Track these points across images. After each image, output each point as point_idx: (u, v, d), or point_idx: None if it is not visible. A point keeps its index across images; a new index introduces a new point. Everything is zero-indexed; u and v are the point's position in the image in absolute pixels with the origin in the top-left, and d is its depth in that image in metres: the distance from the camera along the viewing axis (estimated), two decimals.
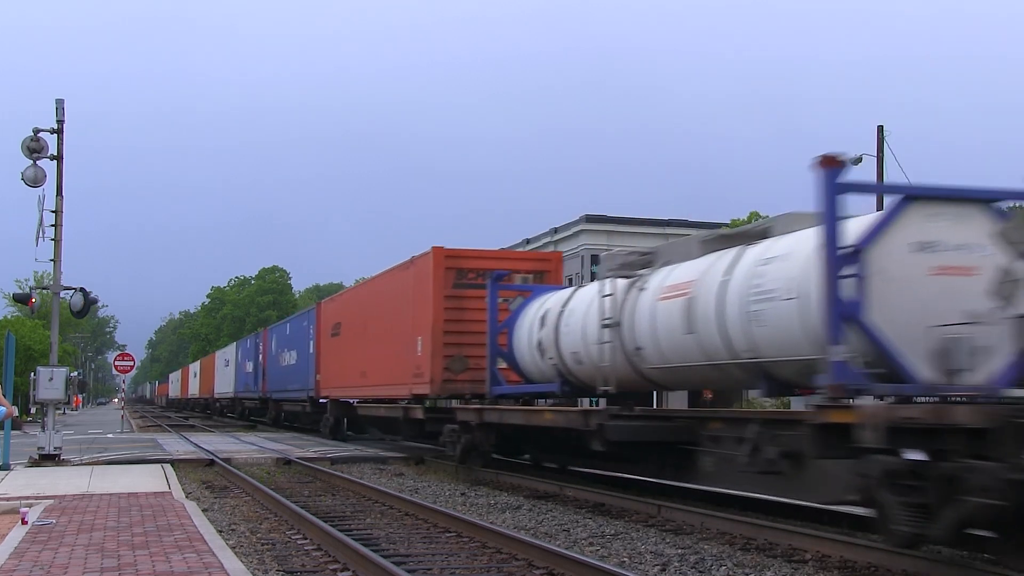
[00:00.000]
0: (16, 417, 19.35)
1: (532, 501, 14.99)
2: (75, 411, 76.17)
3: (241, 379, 49.49)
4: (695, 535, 11.48)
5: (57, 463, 20.42)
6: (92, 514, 12.29)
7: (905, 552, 9.24)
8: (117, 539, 10.18)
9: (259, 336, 45.73)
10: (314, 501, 15.06)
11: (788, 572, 9.35)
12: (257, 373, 44.15)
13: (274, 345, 40.88)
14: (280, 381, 39.33)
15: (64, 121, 21.84)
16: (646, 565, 9.70)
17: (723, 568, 9.47)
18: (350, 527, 12.06)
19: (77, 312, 22.92)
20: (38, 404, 22.15)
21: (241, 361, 49.84)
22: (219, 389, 58.50)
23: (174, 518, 11.83)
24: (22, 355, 41.60)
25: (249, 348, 47.93)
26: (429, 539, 11.30)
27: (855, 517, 11.61)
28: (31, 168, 21.27)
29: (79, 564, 8.76)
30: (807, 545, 10.26)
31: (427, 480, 18.57)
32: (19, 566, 8.62)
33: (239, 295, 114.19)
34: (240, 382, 49.83)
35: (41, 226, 21.38)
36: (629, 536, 11.49)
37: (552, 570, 9.18)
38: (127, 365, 41.25)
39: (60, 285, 22.10)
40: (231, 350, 55.69)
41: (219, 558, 9.00)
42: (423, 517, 12.89)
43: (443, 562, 9.81)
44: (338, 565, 9.65)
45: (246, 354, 48.49)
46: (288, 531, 11.96)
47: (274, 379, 40.63)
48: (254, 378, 44.85)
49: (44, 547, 9.67)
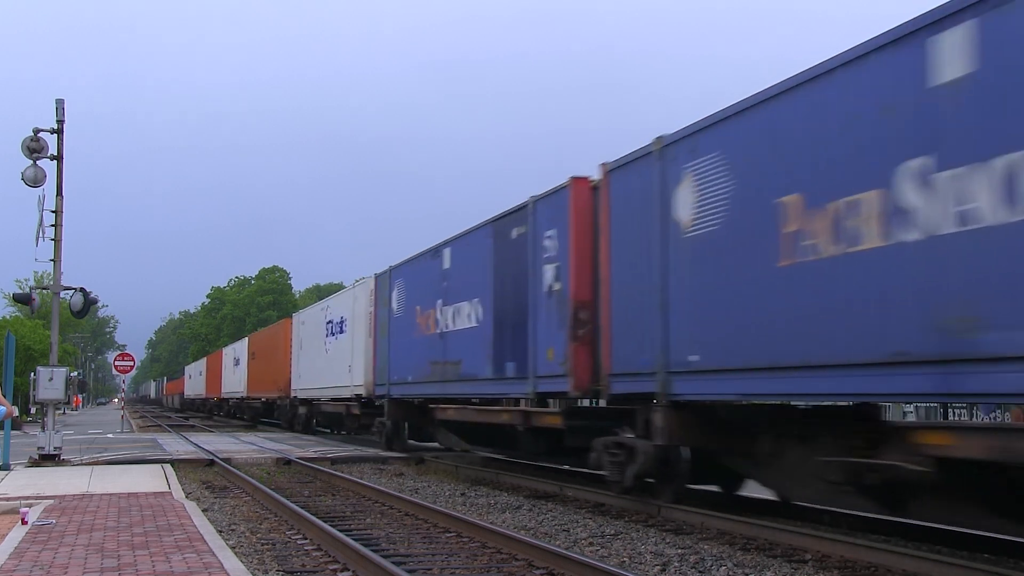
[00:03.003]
0: (16, 417, 19.38)
1: (532, 501, 14.99)
2: (75, 411, 76.22)
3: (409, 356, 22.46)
4: (695, 535, 11.47)
5: (57, 463, 20.42)
6: (92, 514, 12.28)
7: (906, 552, 9.25)
8: (117, 539, 10.18)
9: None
10: (314, 501, 15.05)
11: (788, 572, 9.34)
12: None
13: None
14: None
15: (64, 121, 21.83)
16: (646, 565, 9.69)
17: (723, 568, 9.46)
18: (350, 527, 12.06)
19: (77, 312, 22.91)
20: (38, 404, 22.14)
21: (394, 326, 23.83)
22: (311, 382, 34.77)
23: (174, 518, 11.83)
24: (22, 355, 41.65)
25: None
26: (429, 539, 11.29)
27: (855, 517, 11.63)
28: (31, 168, 21.26)
29: (79, 564, 8.75)
30: (807, 545, 10.26)
31: (427, 480, 18.56)
32: (19, 566, 8.62)
33: (239, 295, 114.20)
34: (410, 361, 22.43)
35: (41, 226, 21.37)
36: (629, 536, 11.49)
37: (552, 570, 9.18)
38: (127, 365, 41.22)
39: (60, 285, 22.10)
40: (322, 312, 34.21)
41: (219, 558, 9.00)
42: (423, 517, 12.89)
43: (443, 562, 9.80)
44: (338, 565, 9.65)
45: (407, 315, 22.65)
46: (288, 531, 11.96)
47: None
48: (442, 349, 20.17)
49: (44, 547, 9.67)
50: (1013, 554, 9.66)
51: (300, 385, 37.02)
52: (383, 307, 24.76)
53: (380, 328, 25.13)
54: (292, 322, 39.97)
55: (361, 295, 28.51)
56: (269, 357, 42.96)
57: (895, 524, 11.04)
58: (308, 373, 35.49)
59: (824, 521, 11.76)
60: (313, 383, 34.51)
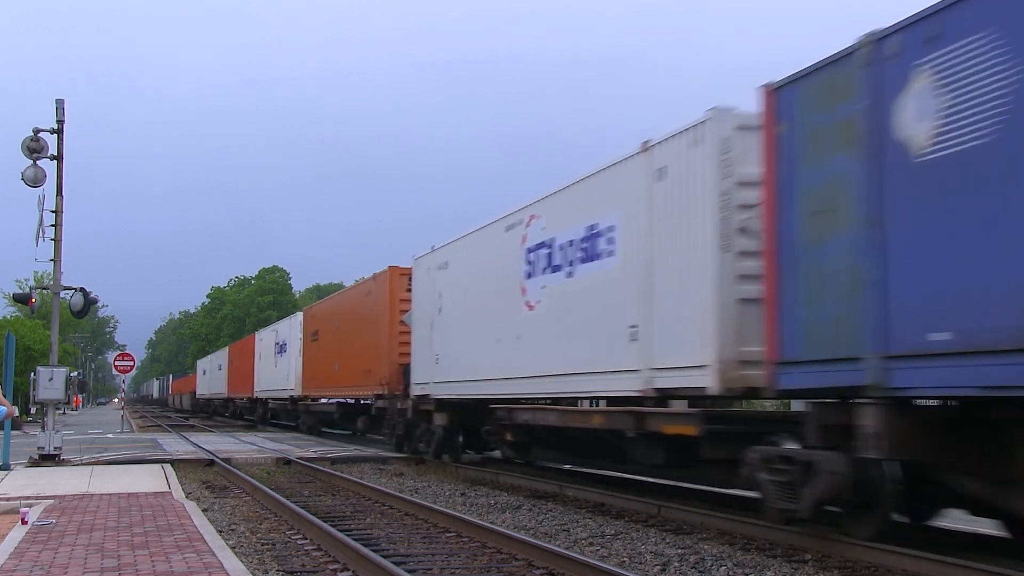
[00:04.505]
0: (16, 417, 19.37)
1: (532, 501, 14.99)
2: (75, 411, 76.21)
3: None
4: (695, 535, 11.47)
5: (57, 463, 20.42)
6: (92, 514, 12.28)
7: (906, 552, 9.23)
8: (117, 539, 10.17)
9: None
10: (314, 501, 15.05)
11: (788, 572, 9.34)
12: None
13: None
14: None
15: (64, 121, 21.84)
16: (646, 565, 9.69)
17: (723, 568, 9.46)
18: (350, 527, 12.06)
19: (77, 312, 22.92)
20: (38, 404, 22.16)
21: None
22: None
23: (174, 518, 11.82)
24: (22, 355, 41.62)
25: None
26: (429, 539, 11.29)
27: None
28: (31, 168, 21.27)
29: (79, 564, 8.75)
30: (807, 545, 10.25)
31: (427, 480, 18.55)
32: (19, 566, 8.61)
33: (239, 295, 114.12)
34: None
35: (41, 226, 21.39)
36: (629, 536, 11.49)
37: (552, 570, 9.18)
38: (127, 365, 41.21)
39: (60, 285, 22.10)
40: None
41: (219, 558, 9.00)
42: (423, 517, 12.89)
43: (443, 562, 9.80)
44: (338, 565, 9.65)
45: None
46: (288, 531, 11.96)
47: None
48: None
49: (44, 547, 9.67)
50: (1013, 554, 9.65)
51: (441, 377, 20.68)
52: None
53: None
54: (414, 270, 23.19)
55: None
56: (352, 335, 28.93)
57: (895, 524, 11.03)
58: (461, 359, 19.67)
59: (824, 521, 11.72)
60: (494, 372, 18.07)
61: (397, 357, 23.96)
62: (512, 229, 17.34)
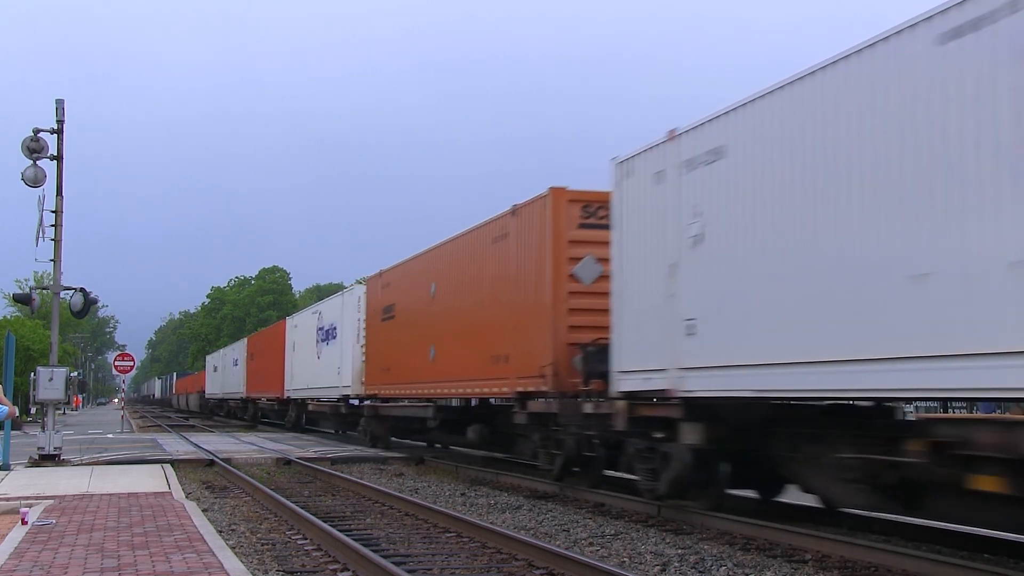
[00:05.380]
0: (16, 417, 19.36)
1: (532, 501, 14.98)
2: (75, 411, 76.18)
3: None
4: (695, 535, 11.47)
5: (57, 463, 20.41)
6: (92, 514, 12.28)
7: (906, 552, 9.24)
8: (117, 539, 10.17)
9: None
10: (314, 501, 15.05)
11: (788, 572, 9.34)
12: None
13: None
14: None
15: (64, 121, 21.84)
16: (646, 565, 9.69)
17: (723, 568, 9.46)
18: (350, 527, 12.06)
19: (77, 312, 22.91)
20: (38, 404, 22.14)
21: None
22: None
23: (174, 518, 11.82)
24: (22, 355, 41.62)
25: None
26: (429, 539, 11.29)
27: (855, 517, 11.62)
28: (31, 168, 21.26)
29: (79, 564, 8.75)
30: (807, 545, 10.25)
31: (427, 480, 18.55)
32: (19, 566, 8.61)
33: (239, 295, 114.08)
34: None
35: (41, 226, 21.38)
36: (629, 536, 11.49)
37: (552, 570, 9.18)
38: (127, 365, 41.20)
39: (60, 285, 22.10)
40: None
41: (219, 558, 9.00)
42: (423, 517, 12.89)
43: (443, 562, 9.80)
44: (338, 565, 9.65)
45: None
46: (288, 531, 11.96)
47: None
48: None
49: (44, 547, 9.67)
50: (1013, 554, 9.66)
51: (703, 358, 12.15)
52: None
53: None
54: (620, 179, 14.42)
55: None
56: (466, 304, 20.25)
57: (895, 524, 11.04)
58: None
59: (824, 521, 11.75)
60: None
61: (565, 333, 15.71)
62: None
